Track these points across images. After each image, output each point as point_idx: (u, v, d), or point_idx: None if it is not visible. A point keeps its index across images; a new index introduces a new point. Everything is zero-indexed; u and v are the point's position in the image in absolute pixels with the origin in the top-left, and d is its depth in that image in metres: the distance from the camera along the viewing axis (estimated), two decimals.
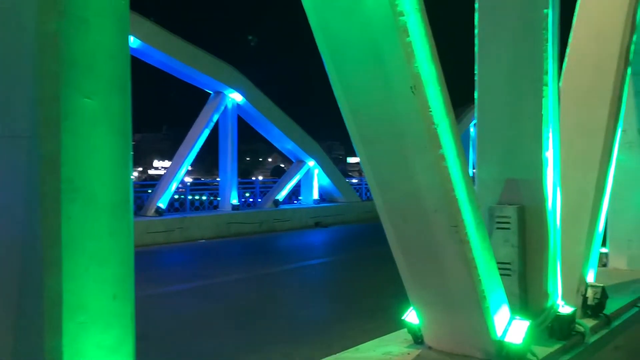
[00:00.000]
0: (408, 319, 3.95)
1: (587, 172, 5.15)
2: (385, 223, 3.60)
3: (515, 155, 4.22)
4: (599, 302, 4.75)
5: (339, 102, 3.30)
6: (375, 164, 3.42)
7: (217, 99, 18.07)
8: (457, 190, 3.24)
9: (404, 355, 3.76)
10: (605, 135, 5.27)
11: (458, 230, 3.27)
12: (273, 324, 7.22)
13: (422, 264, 3.56)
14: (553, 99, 4.14)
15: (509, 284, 4.04)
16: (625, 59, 5.60)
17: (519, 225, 4.13)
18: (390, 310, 4.19)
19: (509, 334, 3.54)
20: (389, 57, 2.95)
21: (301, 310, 8.10)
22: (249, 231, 17.87)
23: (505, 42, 4.19)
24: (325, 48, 3.13)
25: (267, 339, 6.57)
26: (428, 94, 3.01)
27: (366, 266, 11.22)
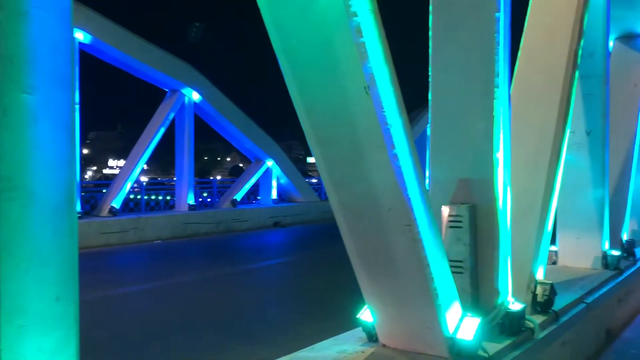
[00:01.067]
0: (363, 318, 3.98)
1: (536, 172, 5.30)
2: (340, 222, 3.62)
3: (468, 155, 4.30)
4: (548, 298, 4.88)
5: (294, 102, 3.29)
6: (330, 163, 3.43)
7: (173, 97, 17.80)
8: (411, 189, 3.28)
9: (358, 354, 3.78)
10: (554, 137, 5.42)
11: (411, 229, 3.31)
12: (230, 324, 7.16)
13: (375, 262, 3.59)
14: (504, 100, 4.23)
15: (461, 282, 4.11)
16: (574, 62, 5.78)
17: (471, 224, 4.21)
18: (348, 309, 4.21)
19: (461, 331, 3.60)
20: (342, 57, 2.96)
21: (259, 310, 8.05)
22: (206, 232, 17.68)
23: (458, 44, 4.26)
24: (280, 47, 3.12)
25: (224, 340, 6.51)
26: (382, 94, 3.03)
27: (324, 266, 11.25)
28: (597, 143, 7.13)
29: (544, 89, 5.66)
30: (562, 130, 5.50)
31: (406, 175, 3.23)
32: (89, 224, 14.61)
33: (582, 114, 7.13)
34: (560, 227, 7.24)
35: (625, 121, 8.95)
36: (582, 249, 7.08)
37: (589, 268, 6.95)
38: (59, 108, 1.75)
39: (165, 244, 15.54)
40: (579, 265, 7.02)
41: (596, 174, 7.12)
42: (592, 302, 5.81)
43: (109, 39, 15.27)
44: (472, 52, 4.19)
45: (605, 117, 7.23)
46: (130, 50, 15.91)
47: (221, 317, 7.58)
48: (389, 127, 3.09)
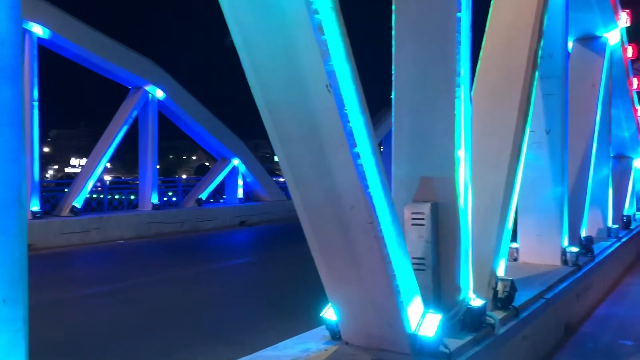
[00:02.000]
0: (326, 316, 3.98)
1: (497, 171, 5.38)
2: (303, 221, 3.61)
3: (430, 153, 4.34)
4: (508, 294, 4.97)
5: (256, 99, 3.27)
6: (293, 162, 3.42)
7: (136, 95, 17.50)
8: (373, 187, 3.29)
9: (322, 352, 3.78)
10: (515, 135, 5.52)
11: (373, 227, 3.33)
12: (194, 325, 7.08)
13: (338, 260, 3.60)
14: (465, 99, 4.28)
15: (423, 279, 4.15)
16: (534, 63, 5.90)
17: (433, 222, 4.25)
18: (313, 308, 4.20)
19: (422, 328, 3.64)
20: (304, 55, 2.95)
21: (224, 310, 7.98)
22: (170, 231, 17.44)
23: (420, 43, 4.29)
24: (242, 44, 3.09)
25: (189, 340, 6.43)
26: (343, 93, 3.03)
27: (290, 265, 11.22)
28: (556, 142, 7.29)
29: (505, 88, 5.76)
30: (522, 130, 5.61)
31: (368, 173, 3.24)
32: (49, 223, 14.26)
33: (542, 113, 7.28)
34: (521, 224, 7.39)
35: (584, 121, 9.19)
36: (542, 246, 7.23)
37: (548, 264, 7.10)
38: (6, 103, 1.69)
39: (128, 244, 15.27)
40: (539, 262, 7.17)
41: (555, 172, 7.28)
42: (552, 297, 5.95)
43: (68, 34, 14.89)
44: (433, 52, 4.23)
45: (564, 117, 7.40)
46: (92, 46, 15.55)
47: (185, 317, 7.49)
48: (350, 125, 3.10)
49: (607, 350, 6.09)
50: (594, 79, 9.72)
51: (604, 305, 8.15)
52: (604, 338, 6.55)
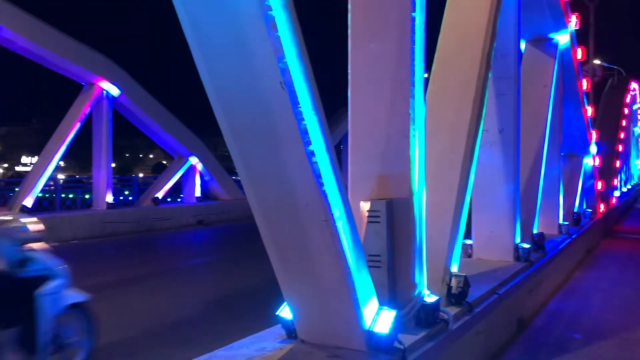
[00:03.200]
0: (282, 314, 3.97)
1: (451, 169, 5.47)
2: (258, 219, 3.59)
3: (385, 152, 4.37)
4: (462, 290, 5.05)
5: (209, 97, 3.23)
6: (247, 160, 3.40)
7: (90, 91, 17.07)
8: (328, 185, 3.30)
9: (277, 350, 3.77)
10: (468, 135, 5.62)
11: (328, 224, 3.34)
12: (148, 326, 6.96)
13: (294, 258, 3.60)
14: (419, 99, 4.33)
15: (379, 276, 4.18)
16: (487, 63, 6.02)
17: (388, 219, 4.28)
18: (270, 307, 4.18)
19: (377, 324, 3.66)
20: (257, 52, 2.93)
21: (179, 311, 7.87)
22: (125, 231, 17.09)
23: (375, 43, 4.32)
24: (194, 41, 3.05)
25: (144, 342, 6.32)
26: (297, 90, 3.03)
27: (247, 264, 11.16)
28: (509, 141, 7.46)
29: (459, 88, 5.86)
30: (475, 129, 5.71)
31: (323, 171, 3.25)
32: None
33: (495, 113, 7.44)
34: (475, 221, 7.54)
35: (536, 120, 9.45)
36: (495, 242, 7.39)
37: (501, 261, 7.25)
38: None
39: (81, 244, 14.90)
40: (492, 258, 7.32)
41: (508, 171, 7.45)
42: (504, 293, 6.08)
43: (18, 28, 14.41)
44: (388, 51, 4.25)
45: (516, 117, 7.58)
46: (42, 40, 15.08)
47: (139, 318, 7.35)
48: (305, 123, 3.09)
49: (557, 343, 6.27)
50: (545, 80, 10.00)
51: (555, 299, 8.39)
52: (555, 332, 6.74)
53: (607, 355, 5.87)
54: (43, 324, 4.51)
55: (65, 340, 4.82)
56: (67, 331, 4.86)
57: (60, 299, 4.76)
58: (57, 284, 4.77)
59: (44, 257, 4.89)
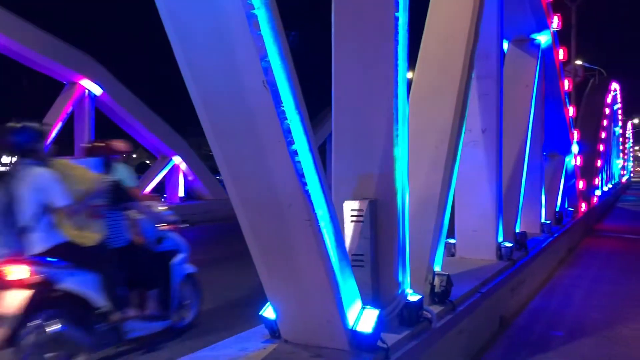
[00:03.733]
0: (265, 314, 3.96)
1: (434, 169, 5.50)
2: (241, 219, 3.58)
3: (368, 151, 4.38)
4: (444, 289, 5.08)
5: (191, 96, 3.21)
6: (230, 159, 3.38)
7: (71, 90, 16.90)
8: (311, 184, 3.29)
9: (260, 350, 3.76)
10: (451, 134, 5.64)
11: (311, 224, 3.33)
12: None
13: (277, 258, 3.59)
14: (403, 98, 4.34)
15: (362, 275, 4.19)
16: (470, 63, 6.05)
17: (372, 218, 4.29)
18: (254, 307, 4.17)
19: (360, 323, 3.67)
20: (240, 50, 2.92)
21: None
22: None
23: (358, 42, 4.32)
24: (175, 38, 3.03)
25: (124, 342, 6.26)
26: (280, 89, 3.02)
27: (230, 264, 11.11)
28: (491, 141, 7.50)
29: (442, 88, 5.89)
30: (458, 129, 5.74)
31: (306, 171, 3.24)
32: None
33: (478, 113, 7.49)
34: (458, 220, 7.58)
35: (518, 120, 9.52)
36: (478, 241, 7.43)
37: (484, 259, 7.30)
38: None
39: None
40: (475, 257, 7.36)
41: (491, 170, 7.50)
42: (487, 291, 6.12)
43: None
44: (371, 50, 4.26)
45: (499, 116, 7.63)
46: (21, 37, 14.87)
47: None
48: (288, 122, 3.08)
49: (539, 341, 6.33)
50: (527, 80, 10.09)
51: (537, 298, 8.46)
52: (537, 330, 6.80)
53: (589, 352, 5.93)
54: (174, 287, 6.08)
55: (184, 301, 6.33)
56: (184, 294, 6.34)
57: (183, 269, 6.34)
58: (182, 257, 6.35)
59: (174, 236, 6.42)
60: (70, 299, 4.85)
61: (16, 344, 4.50)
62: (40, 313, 4.63)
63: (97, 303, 5.00)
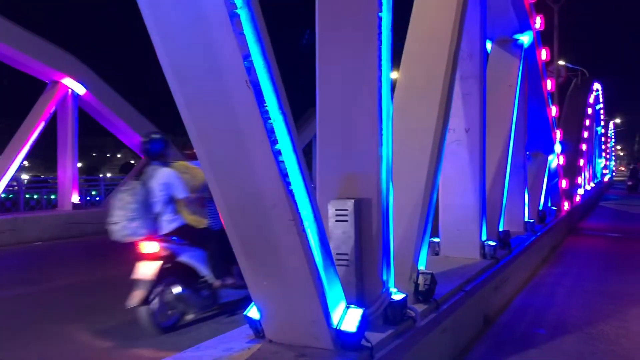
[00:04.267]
0: (249, 315, 3.96)
1: (418, 168, 5.53)
2: (225, 218, 3.58)
3: (353, 151, 4.39)
4: (429, 288, 5.10)
5: (174, 95, 3.19)
6: (213, 159, 3.37)
7: (54, 89, 16.70)
8: (295, 185, 3.29)
9: (245, 351, 3.75)
10: (435, 134, 5.68)
11: (295, 224, 3.33)
12: (119, 325, 6.85)
13: (261, 258, 3.58)
14: (387, 98, 4.36)
15: (346, 274, 4.21)
16: (453, 63, 6.09)
17: (356, 218, 4.30)
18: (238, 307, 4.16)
19: (345, 323, 3.68)
20: (222, 50, 2.91)
21: None
22: (93, 232, 16.74)
23: (342, 42, 4.33)
24: (158, 38, 3.01)
25: (111, 340, 6.22)
26: (264, 89, 3.01)
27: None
28: (475, 140, 7.56)
29: (426, 88, 5.92)
30: (442, 128, 5.78)
31: (290, 171, 3.24)
32: None
33: (462, 112, 7.54)
34: (442, 219, 7.63)
35: (501, 120, 9.60)
36: (462, 240, 7.48)
37: (468, 258, 7.35)
38: None
39: (46, 246, 14.58)
40: (459, 256, 7.41)
41: (474, 170, 7.55)
42: (471, 289, 6.17)
43: None
44: (356, 51, 4.27)
45: (482, 116, 7.69)
46: (2, 35, 14.66)
47: (108, 318, 7.23)
48: (271, 122, 3.08)
49: (522, 339, 6.39)
50: (510, 80, 10.17)
51: (520, 296, 8.54)
52: (521, 327, 6.86)
53: (571, 349, 6.00)
54: None
55: None
56: None
57: None
58: None
59: None
60: (185, 269, 6.44)
61: (149, 302, 6.13)
62: (166, 279, 6.26)
63: (203, 273, 6.54)
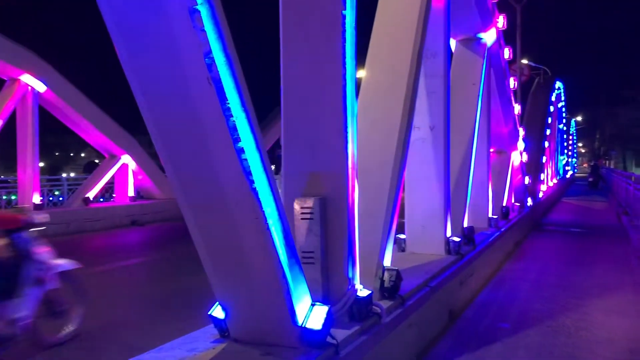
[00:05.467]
0: (214, 314, 3.92)
1: (384, 166, 5.56)
2: (187, 218, 3.52)
3: (318, 149, 4.39)
4: (394, 284, 5.14)
5: (134, 93, 3.13)
6: (175, 158, 3.33)
7: (12, 87, 16.28)
8: (258, 182, 3.27)
9: (209, 350, 3.71)
10: (400, 132, 5.72)
11: (259, 222, 3.32)
12: (80, 328, 6.71)
13: (225, 256, 3.55)
14: (352, 96, 4.37)
15: (312, 272, 4.21)
16: (418, 62, 6.14)
17: (321, 216, 4.31)
18: (205, 307, 4.11)
19: (310, 320, 3.68)
20: (183, 47, 2.87)
21: (112, 312, 7.64)
22: (54, 233, 16.37)
23: (306, 40, 4.32)
24: (117, 35, 2.95)
25: (72, 344, 6.10)
26: (225, 86, 2.98)
27: (180, 265, 10.96)
28: (439, 138, 7.64)
29: (391, 86, 5.96)
30: (407, 126, 5.82)
31: (253, 168, 3.22)
32: None
33: (426, 110, 7.61)
34: (408, 216, 7.70)
35: (465, 118, 9.74)
36: (427, 236, 7.56)
37: (433, 254, 7.44)
38: None
39: None
40: (425, 252, 7.49)
41: (439, 167, 7.64)
42: (436, 285, 6.23)
43: None
44: (320, 49, 4.27)
45: (447, 114, 7.78)
46: None
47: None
48: (234, 119, 3.06)
49: (487, 333, 6.50)
50: (474, 78, 10.32)
51: (485, 291, 8.68)
52: (485, 322, 6.98)
53: (533, 342, 6.13)
54: None
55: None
56: None
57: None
58: None
59: None
60: None
61: None
62: None
63: None
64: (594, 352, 5.81)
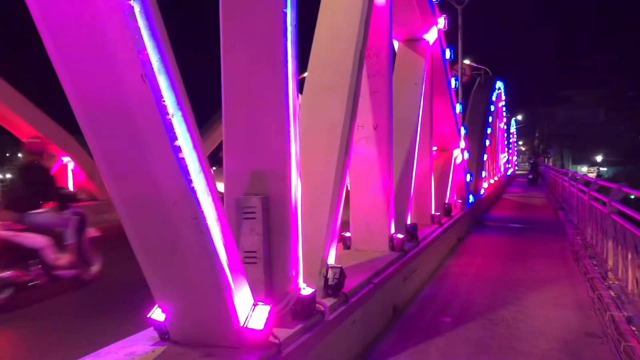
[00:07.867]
0: (153, 317, 3.84)
1: (327, 164, 5.58)
2: (123, 219, 3.43)
3: (260, 148, 4.37)
4: (338, 281, 5.17)
5: (65, 90, 3.02)
6: (110, 156, 3.23)
7: None
8: (196, 181, 3.22)
9: (148, 354, 3.64)
10: (343, 130, 5.76)
11: (198, 222, 3.27)
12: (11, 336, 6.45)
13: (163, 257, 3.48)
14: (293, 94, 4.36)
15: (255, 272, 4.19)
16: (360, 61, 6.20)
17: (264, 215, 4.30)
18: (146, 310, 4.01)
19: (252, 320, 3.65)
20: (116, 43, 2.79)
21: (47, 317, 7.37)
22: None
23: (247, 39, 4.29)
24: (46, 31, 2.83)
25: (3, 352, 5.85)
26: (161, 83, 2.92)
27: (119, 267, 10.65)
28: (383, 137, 7.73)
29: (333, 85, 5.98)
30: (350, 125, 5.87)
31: (191, 167, 3.17)
32: None
33: (370, 109, 7.69)
34: (352, 214, 7.76)
35: (408, 117, 9.91)
36: (372, 233, 7.65)
37: (378, 251, 7.53)
38: None
39: None
40: (369, 249, 7.57)
41: (383, 165, 7.73)
42: (379, 282, 6.31)
43: None
44: (260, 47, 4.25)
45: (389, 113, 7.88)
46: None
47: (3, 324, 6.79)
48: (170, 117, 3.00)
49: (429, 327, 6.63)
50: (416, 78, 10.51)
51: (428, 286, 8.85)
52: (428, 317, 7.12)
53: (473, 335, 6.29)
54: None
55: None
56: None
57: None
58: None
59: None
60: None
61: None
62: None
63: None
64: (531, 343, 6.02)
